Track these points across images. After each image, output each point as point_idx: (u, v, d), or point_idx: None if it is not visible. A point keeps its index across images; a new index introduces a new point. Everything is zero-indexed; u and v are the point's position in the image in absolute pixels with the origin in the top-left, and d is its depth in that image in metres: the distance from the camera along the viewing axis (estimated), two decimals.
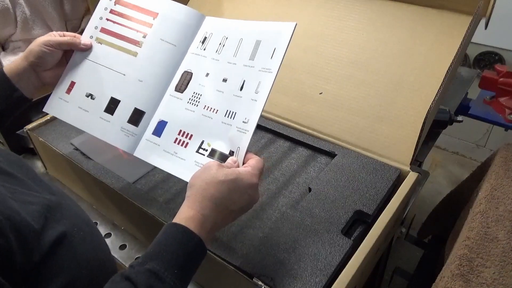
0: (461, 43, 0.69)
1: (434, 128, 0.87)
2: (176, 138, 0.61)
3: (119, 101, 0.64)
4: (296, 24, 0.57)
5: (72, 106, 0.65)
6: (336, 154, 0.76)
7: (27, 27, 1.08)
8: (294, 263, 0.56)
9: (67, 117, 0.65)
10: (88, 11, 1.14)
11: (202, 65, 0.63)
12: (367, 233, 0.60)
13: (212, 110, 0.60)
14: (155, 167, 0.76)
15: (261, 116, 0.87)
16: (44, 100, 0.75)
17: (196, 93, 0.62)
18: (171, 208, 0.66)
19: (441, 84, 0.68)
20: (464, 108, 0.99)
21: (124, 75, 0.64)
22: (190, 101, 0.62)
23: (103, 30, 0.67)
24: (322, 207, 0.65)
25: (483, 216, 0.65)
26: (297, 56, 0.90)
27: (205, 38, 0.65)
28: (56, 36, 0.63)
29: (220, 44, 0.63)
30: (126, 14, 0.67)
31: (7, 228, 0.36)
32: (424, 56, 0.78)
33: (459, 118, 0.94)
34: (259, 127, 0.85)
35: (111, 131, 0.63)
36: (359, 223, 0.64)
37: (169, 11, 0.66)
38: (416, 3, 0.82)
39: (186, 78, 0.63)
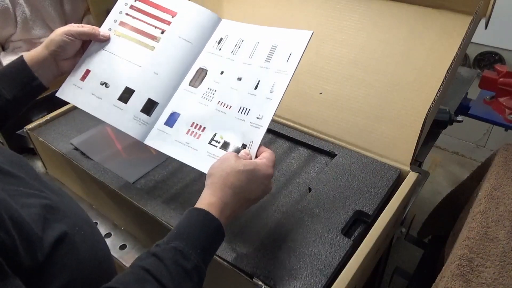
0: (461, 43, 0.69)
1: (434, 128, 0.87)
2: (189, 130, 0.62)
3: (134, 90, 0.65)
4: (312, 33, 0.60)
5: (86, 93, 0.66)
6: (336, 154, 0.76)
7: (27, 27, 1.08)
8: (294, 263, 0.56)
9: (80, 102, 0.66)
10: (88, 11, 1.14)
11: (217, 64, 0.65)
12: (367, 233, 0.60)
13: (226, 105, 0.61)
14: (155, 167, 0.76)
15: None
16: (46, 100, 0.76)
17: (211, 89, 0.64)
18: (171, 208, 0.66)
19: (441, 84, 0.68)
20: (464, 108, 0.99)
21: (140, 66, 0.66)
22: (204, 95, 0.64)
23: (122, 24, 0.69)
24: (322, 207, 0.65)
25: (483, 216, 0.65)
26: None
27: (221, 39, 0.68)
28: (75, 27, 0.65)
29: (236, 45, 0.66)
30: (145, 10, 0.69)
31: (11, 227, 0.36)
32: (424, 56, 0.78)
33: (459, 118, 0.94)
34: None
35: (124, 118, 0.64)
36: (359, 223, 0.64)
37: (188, 11, 0.69)
38: (416, 3, 0.82)
39: (201, 74, 0.66)
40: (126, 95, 0.65)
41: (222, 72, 0.64)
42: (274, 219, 0.65)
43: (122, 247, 0.74)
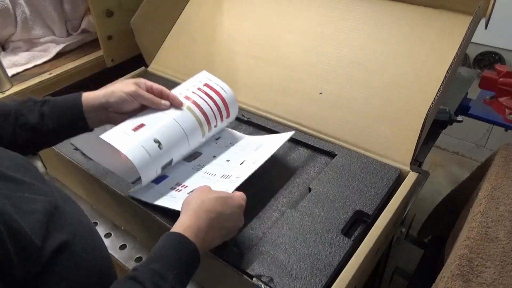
0: (461, 43, 0.69)
1: (434, 128, 0.87)
2: (172, 187, 0.67)
3: (171, 163, 0.68)
4: (294, 132, 0.76)
5: (135, 142, 0.63)
6: (336, 154, 0.76)
7: (27, 27, 1.08)
8: (294, 263, 0.56)
9: (125, 148, 0.62)
10: (88, 11, 1.14)
11: (211, 151, 0.75)
12: (367, 233, 0.60)
13: (211, 174, 0.69)
14: None
15: (262, 116, 0.87)
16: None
17: (200, 165, 0.71)
18: (171, 208, 0.66)
19: (441, 84, 0.68)
20: (464, 108, 0.99)
21: (189, 145, 0.69)
22: (193, 167, 0.71)
23: (193, 99, 0.71)
24: (322, 207, 0.65)
25: (483, 216, 0.65)
26: (297, 56, 0.90)
27: (220, 137, 0.78)
28: (143, 88, 0.64)
29: (230, 143, 0.76)
30: (214, 98, 0.72)
31: (7, 240, 0.36)
32: (424, 56, 0.78)
33: (459, 118, 0.93)
34: (259, 126, 0.85)
35: (146, 178, 0.65)
36: (359, 223, 0.64)
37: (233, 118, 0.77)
38: (416, 3, 0.82)
39: (195, 155, 0.74)
40: (167, 165, 0.67)
41: (214, 156, 0.73)
42: (274, 219, 0.65)
43: (122, 247, 0.74)
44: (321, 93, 0.84)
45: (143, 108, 0.67)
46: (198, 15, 1.08)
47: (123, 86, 0.63)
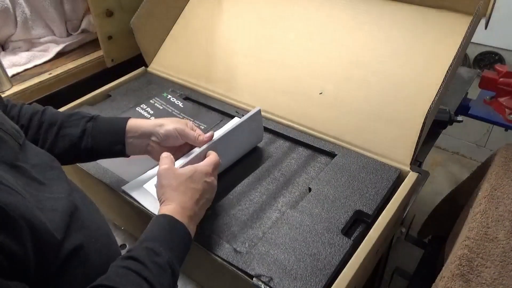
0: (461, 43, 0.69)
1: (434, 128, 0.87)
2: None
3: None
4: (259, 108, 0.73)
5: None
6: (336, 154, 0.76)
7: (27, 27, 1.08)
8: (294, 263, 0.56)
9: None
10: (88, 11, 1.14)
11: None
12: (367, 233, 0.60)
13: None
14: (154, 166, 0.76)
15: (261, 116, 0.87)
16: (46, 100, 0.75)
17: None
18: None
19: (441, 84, 0.68)
20: (464, 108, 0.99)
21: None
22: None
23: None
24: (322, 207, 0.65)
25: (483, 216, 0.65)
26: (297, 56, 0.90)
27: None
28: (190, 130, 0.65)
29: None
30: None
31: (27, 237, 0.36)
32: (424, 56, 0.78)
33: (459, 118, 0.93)
34: None
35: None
36: (359, 223, 0.64)
37: None
38: (416, 3, 0.82)
39: None
40: None
41: None
42: (274, 219, 0.65)
43: (122, 247, 0.74)
44: (321, 93, 0.84)
45: (183, 148, 0.67)
46: (198, 15, 1.08)
47: (173, 122, 0.64)
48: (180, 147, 0.66)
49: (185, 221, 0.52)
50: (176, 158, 0.63)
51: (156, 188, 0.57)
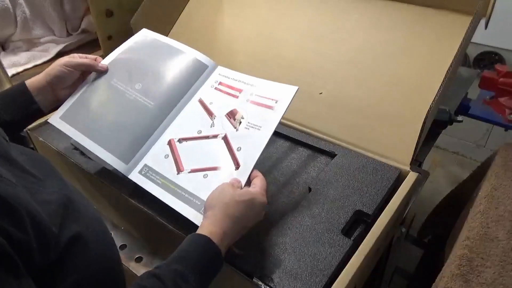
0: (461, 43, 0.69)
1: (434, 128, 0.87)
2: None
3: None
4: (298, 89, 0.67)
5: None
6: (336, 154, 0.76)
7: (27, 27, 1.08)
8: (294, 263, 0.56)
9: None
10: (88, 11, 1.14)
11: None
12: (367, 233, 0.60)
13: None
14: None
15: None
16: None
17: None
18: (171, 208, 0.65)
19: (441, 84, 0.68)
20: (464, 108, 0.99)
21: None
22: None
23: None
24: (322, 207, 0.65)
25: (483, 216, 0.65)
26: (297, 56, 0.90)
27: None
28: (76, 58, 0.68)
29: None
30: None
31: (28, 225, 0.37)
32: (424, 56, 0.78)
33: (459, 118, 0.93)
34: None
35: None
36: (359, 223, 0.64)
37: None
38: (416, 3, 0.82)
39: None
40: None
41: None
42: (274, 219, 0.65)
43: (122, 247, 0.74)
44: (321, 93, 0.84)
45: (85, 77, 0.71)
46: (198, 15, 1.08)
47: (58, 61, 0.67)
48: (84, 76, 0.70)
49: (222, 248, 0.51)
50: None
51: (210, 199, 0.56)
